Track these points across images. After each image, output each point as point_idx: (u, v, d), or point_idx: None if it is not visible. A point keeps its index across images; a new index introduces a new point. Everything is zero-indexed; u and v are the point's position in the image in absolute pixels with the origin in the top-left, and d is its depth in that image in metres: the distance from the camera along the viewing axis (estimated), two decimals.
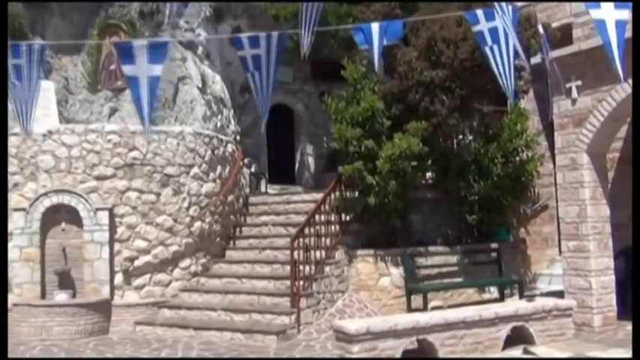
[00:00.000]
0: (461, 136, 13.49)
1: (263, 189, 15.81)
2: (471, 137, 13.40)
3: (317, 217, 10.83)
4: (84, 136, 10.74)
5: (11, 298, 10.04)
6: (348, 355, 7.30)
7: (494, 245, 12.05)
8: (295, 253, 9.92)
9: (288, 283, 10.00)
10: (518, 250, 12.73)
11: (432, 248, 11.49)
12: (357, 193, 11.35)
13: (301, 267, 10.03)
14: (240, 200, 13.42)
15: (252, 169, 16.21)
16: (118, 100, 13.84)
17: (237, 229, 12.89)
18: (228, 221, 12.49)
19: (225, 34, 15.24)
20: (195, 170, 11.52)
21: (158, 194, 11.05)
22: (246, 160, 15.89)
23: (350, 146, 10.71)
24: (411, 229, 11.97)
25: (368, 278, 10.96)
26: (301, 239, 10.18)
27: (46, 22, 13.89)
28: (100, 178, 10.73)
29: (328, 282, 10.55)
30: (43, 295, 10.32)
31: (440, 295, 11.22)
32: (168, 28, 14.29)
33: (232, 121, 15.12)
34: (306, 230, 10.46)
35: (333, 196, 11.30)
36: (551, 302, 8.81)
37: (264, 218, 13.05)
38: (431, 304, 10.98)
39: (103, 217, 10.48)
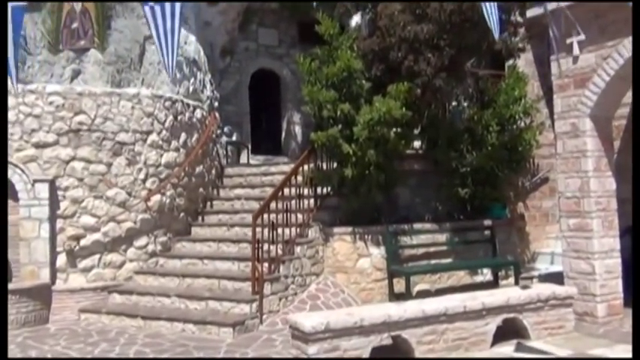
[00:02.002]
0: (454, 103, 12.30)
1: (245, 160, 14.66)
2: (465, 104, 12.20)
3: (287, 190, 9.64)
4: (21, 98, 9.52)
5: None
6: (303, 356, 6.13)
7: (487, 222, 10.87)
8: (258, 231, 8.73)
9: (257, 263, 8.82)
10: (514, 227, 11.53)
11: (417, 225, 10.29)
12: (334, 164, 10.14)
13: (266, 247, 8.84)
14: (213, 172, 12.21)
15: (234, 139, 15.04)
16: (82, 62, 12.57)
17: (208, 203, 11.71)
18: (195, 194, 11.30)
19: None
20: (153, 137, 10.30)
21: (109, 164, 9.86)
22: (226, 129, 14.76)
23: (324, 110, 9.48)
24: (396, 204, 10.81)
25: (345, 259, 9.79)
26: (266, 215, 8.98)
27: None
28: (40, 145, 9.53)
29: (299, 264, 9.38)
30: None
31: (427, 278, 10.09)
32: None
33: (208, 86, 13.86)
34: (273, 205, 9.27)
35: (307, 167, 10.09)
36: (548, 290, 7.61)
37: (238, 191, 11.87)
38: (416, 288, 9.94)
39: (42, 190, 9.30)
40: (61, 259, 9.54)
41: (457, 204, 11.12)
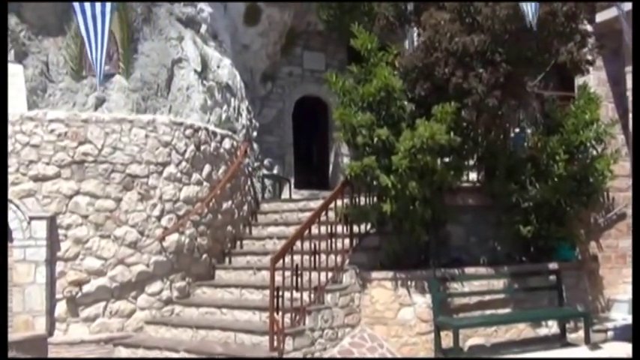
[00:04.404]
0: (516, 129, 10.89)
1: (287, 194, 13.52)
2: (528, 130, 10.78)
3: (318, 229, 8.39)
4: (18, 126, 8.57)
5: None
6: None
7: (553, 265, 9.34)
8: (279, 276, 7.47)
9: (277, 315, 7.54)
10: (585, 270, 9.95)
11: (470, 270, 8.84)
12: (374, 198, 8.84)
13: (288, 295, 7.57)
14: (245, 208, 11.03)
15: (275, 172, 13.93)
16: (106, 89, 11.72)
17: (238, 242, 10.52)
18: (222, 233, 10.11)
19: (238, 12, 13.03)
20: (170, 169, 9.19)
21: (118, 200, 8.77)
22: (266, 161, 13.68)
23: (358, 137, 8.21)
24: (447, 244, 9.42)
25: (385, 309, 8.44)
26: (291, 257, 7.72)
27: None
28: (39, 178, 8.51)
29: (329, 314, 8.06)
30: None
31: (481, 332, 8.59)
32: (164, 2, 12.07)
33: (244, 114, 12.80)
34: (299, 245, 8.04)
35: (341, 202, 8.81)
36: (623, 351, 6.08)
37: (271, 229, 10.65)
38: (468, 342, 8.51)
39: (40, 228, 8.27)
40: (61, 307, 8.45)
41: (518, 244, 9.64)
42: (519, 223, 9.39)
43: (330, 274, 8.34)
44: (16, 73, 10.92)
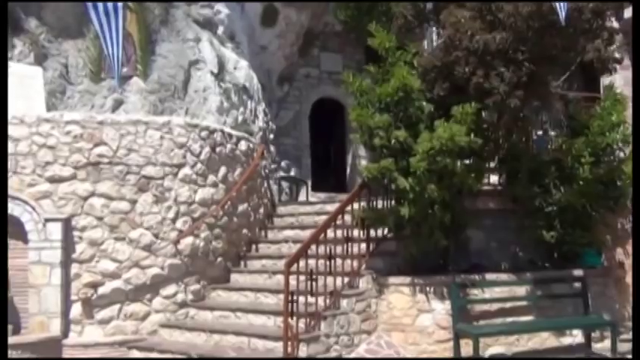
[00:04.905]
0: (539, 132, 10.63)
1: (304, 197, 13.35)
2: (552, 133, 10.51)
3: (334, 232, 8.20)
4: (35, 127, 8.48)
5: None
6: None
7: (578, 272, 9.03)
8: (293, 280, 7.29)
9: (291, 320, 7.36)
10: (612, 277, 9.61)
11: (491, 276, 8.57)
12: (391, 201, 8.63)
13: (303, 299, 7.38)
14: (262, 211, 10.87)
15: (291, 174, 13.76)
16: (124, 91, 11.64)
17: (254, 245, 10.35)
18: (237, 236, 9.95)
19: (255, 13, 12.89)
20: (185, 171, 9.06)
21: (133, 201, 8.65)
22: (283, 163, 13.53)
23: (375, 138, 8.00)
24: (467, 249, 9.15)
25: (403, 315, 8.22)
26: (303, 262, 7.53)
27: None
28: (55, 180, 8.42)
29: (345, 320, 7.86)
30: None
31: (502, 340, 8.31)
32: (182, 4, 11.96)
33: (261, 116, 12.65)
34: (314, 249, 7.85)
35: (357, 205, 8.61)
36: None
37: (287, 233, 10.46)
38: (489, 351, 8.24)
39: (55, 230, 8.18)
40: (76, 309, 8.36)
41: (541, 249, 9.35)
42: (542, 228, 9.08)
43: (346, 279, 8.14)
44: (34, 75, 10.88)
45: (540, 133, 10.72)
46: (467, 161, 8.44)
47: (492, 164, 9.59)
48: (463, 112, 7.70)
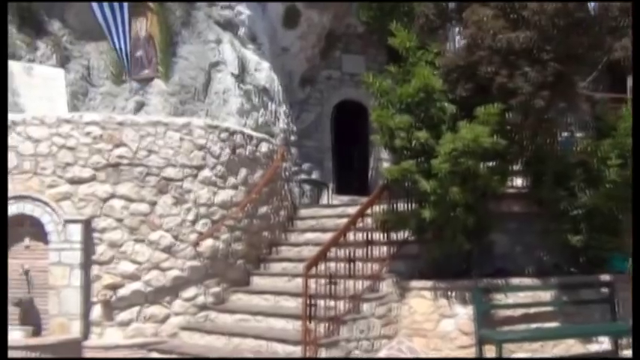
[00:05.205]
0: (565, 133, 10.41)
1: (326, 200, 13.26)
2: (578, 134, 10.30)
3: (354, 235, 8.09)
4: (55, 128, 8.47)
5: None
6: None
7: (605, 277, 8.81)
8: (313, 284, 7.19)
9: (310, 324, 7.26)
10: None
11: (515, 281, 8.39)
12: (413, 204, 8.49)
13: (322, 303, 7.28)
14: (283, 213, 10.79)
15: (313, 177, 13.68)
16: (145, 93, 11.67)
17: (274, 248, 10.27)
18: (258, 239, 9.89)
19: (276, 14, 12.83)
20: (205, 173, 9.02)
21: (153, 203, 8.63)
22: (305, 166, 13.45)
23: (396, 139, 7.88)
24: (491, 253, 8.96)
25: (424, 320, 8.07)
26: (323, 265, 7.43)
27: (66, 3, 11.82)
28: (75, 181, 8.42)
29: (366, 325, 7.74)
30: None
31: (526, 346, 8.12)
32: (203, 5, 11.94)
33: (282, 118, 12.59)
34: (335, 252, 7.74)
35: (379, 208, 8.49)
36: None
37: (308, 236, 10.38)
38: (513, 357, 7.98)
39: (75, 231, 8.18)
40: (96, 311, 8.35)
41: (567, 254, 9.13)
42: (568, 232, 8.86)
43: (366, 283, 8.02)
44: (56, 77, 10.97)
45: (566, 134, 10.51)
46: (490, 163, 8.27)
47: (517, 166, 9.40)
48: (487, 112, 7.55)
